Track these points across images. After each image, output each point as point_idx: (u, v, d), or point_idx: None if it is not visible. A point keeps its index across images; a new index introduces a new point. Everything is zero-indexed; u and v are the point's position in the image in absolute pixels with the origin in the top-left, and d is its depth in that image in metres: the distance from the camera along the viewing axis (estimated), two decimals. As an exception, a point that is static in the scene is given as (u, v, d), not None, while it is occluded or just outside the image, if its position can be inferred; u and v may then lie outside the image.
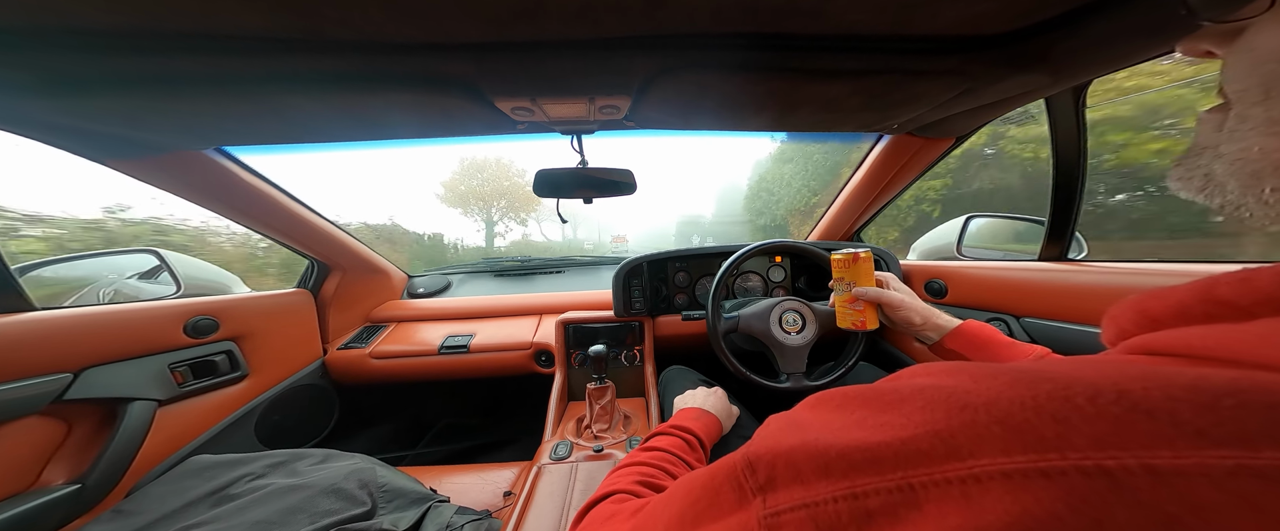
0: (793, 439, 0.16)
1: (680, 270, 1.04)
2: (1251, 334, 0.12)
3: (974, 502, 0.11)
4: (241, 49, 0.38)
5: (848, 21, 0.36)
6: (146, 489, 0.54)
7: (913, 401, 0.14)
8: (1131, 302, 0.17)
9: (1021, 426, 0.11)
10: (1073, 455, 0.10)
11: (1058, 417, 0.11)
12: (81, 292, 0.99)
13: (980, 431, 0.11)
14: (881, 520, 0.12)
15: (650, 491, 0.34)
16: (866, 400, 0.15)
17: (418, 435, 1.28)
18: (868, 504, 0.12)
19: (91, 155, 0.61)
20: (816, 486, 0.13)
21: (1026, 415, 0.11)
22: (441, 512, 0.56)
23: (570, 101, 0.52)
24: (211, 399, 0.81)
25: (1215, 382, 0.10)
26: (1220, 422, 0.09)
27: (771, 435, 0.17)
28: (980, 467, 0.11)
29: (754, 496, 0.15)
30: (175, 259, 0.98)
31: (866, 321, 0.57)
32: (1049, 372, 0.12)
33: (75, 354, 0.63)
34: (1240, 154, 0.17)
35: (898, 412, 0.13)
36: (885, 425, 0.13)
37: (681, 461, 0.40)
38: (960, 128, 0.72)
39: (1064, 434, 0.10)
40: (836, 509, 0.13)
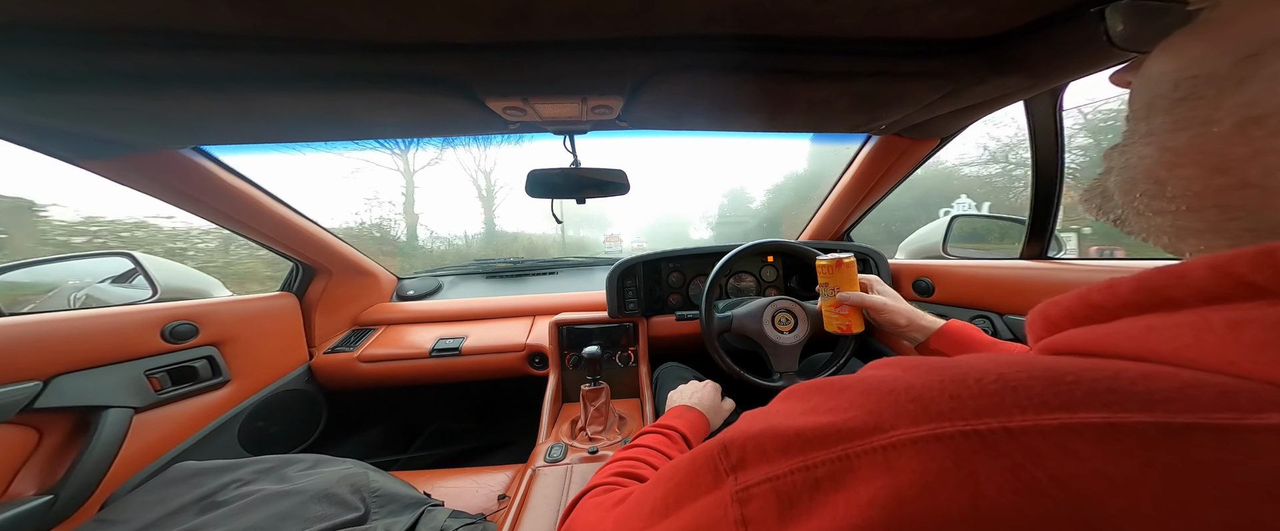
0: (761, 424, 0.18)
1: (674, 270, 1.04)
2: (1112, 331, 0.15)
3: (892, 465, 0.13)
4: (222, 46, 0.36)
5: (836, 24, 0.37)
6: (129, 496, 0.52)
7: (855, 388, 0.16)
8: (1038, 311, 0.20)
9: (928, 403, 0.14)
10: (958, 423, 0.13)
11: (953, 396, 0.14)
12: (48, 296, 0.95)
13: (899, 409, 0.14)
14: (826, 485, 0.14)
15: (632, 481, 0.35)
16: (821, 389, 0.18)
17: (409, 439, 1.26)
18: (816, 473, 0.15)
19: (63, 156, 0.58)
20: (778, 462, 0.16)
21: (932, 394, 0.14)
22: (435, 517, 0.55)
23: (563, 101, 0.52)
24: (192, 405, 0.78)
25: (1066, 366, 0.13)
26: (1057, 394, 0.12)
27: (745, 423, 0.19)
28: (897, 437, 0.14)
29: (727, 475, 0.18)
30: (151, 262, 0.94)
31: (852, 325, 0.58)
32: (959, 363, 0.15)
33: (45, 361, 0.60)
34: (1125, 163, 0.19)
35: (843, 398, 0.16)
36: (833, 409, 0.16)
37: (663, 455, 0.42)
38: (945, 129, 0.74)
39: (955, 408, 0.13)
40: (793, 479, 0.15)
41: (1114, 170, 0.20)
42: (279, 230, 0.91)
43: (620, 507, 0.26)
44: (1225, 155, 0.15)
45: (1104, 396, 0.12)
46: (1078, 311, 0.17)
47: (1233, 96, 0.15)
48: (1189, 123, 0.16)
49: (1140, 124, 0.19)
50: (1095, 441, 0.11)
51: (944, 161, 4.02)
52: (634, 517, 0.23)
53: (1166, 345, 0.13)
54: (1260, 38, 0.15)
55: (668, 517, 0.20)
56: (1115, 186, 0.20)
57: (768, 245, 0.86)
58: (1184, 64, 0.17)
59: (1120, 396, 0.12)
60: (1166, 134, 0.17)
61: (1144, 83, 0.19)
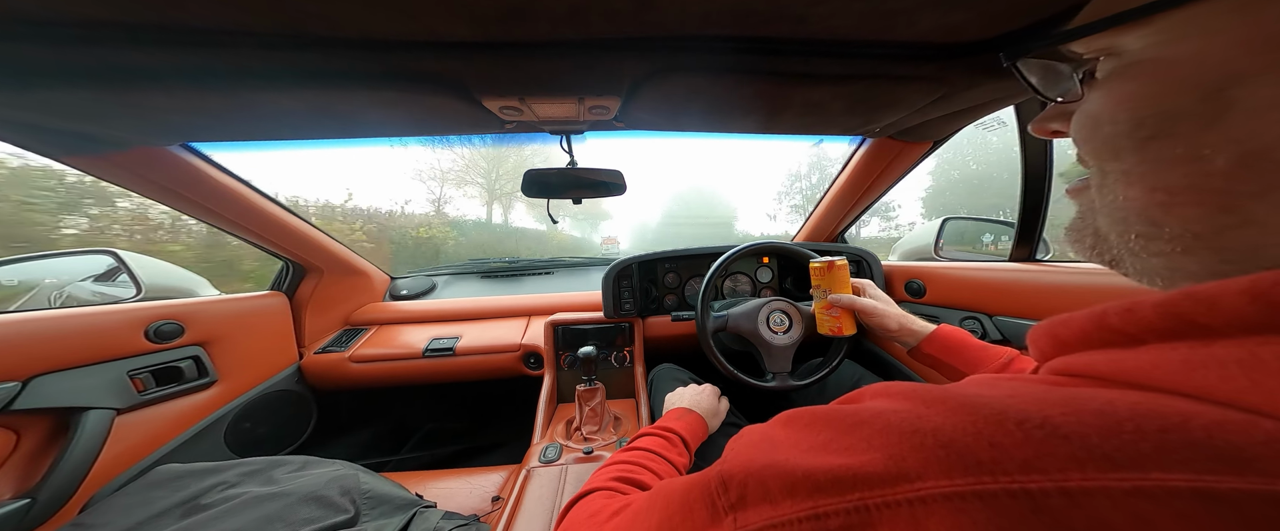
0: (764, 458, 0.16)
1: (670, 271, 1.04)
2: (1143, 360, 0.14)
3: (920, 524, 0.12)
4: (212, 42, 0.36)
5: (831, 27, 0.37)
6: (109, 499, 0.51)
7: (872, 424, 0.15)
8: (1045, 328, 0.18)
9: (962, 451, 0.12)
10: (1003, 478, 0.11)
11: (992, 443, 0.12)
12: (28, 296, 0.92)
13: (927, 455, 0.13)
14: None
15: (631, 487, 0.34)
16: (832, 422, 0.16)
17: (401, 440, 1.24)
18: (828, 524, 0.13)
19: (47, 152, 0.57)
20: (783, 505, 0.15)
21: (966, 440, 0.12)
22: (428, 518, 0.55)
23: (560, 101, 0.52)
24: (177, 406, 0.76)
25: (1119, 408, 0.12)
26: (1120, 446, 0.11)
27: (744, 451, 0.18)
28: (926, 490, 0.12)
29: (726, 515, 0.16)
30: (135, 260, 0.92)
31: (843, 327, 0.59)
32: (988, 399, 0.13)
33: (22, 361, 0.59)
34: (1111, 204, 0.18)
35: (858, 435, 0.15)
36: (847, 448, 0.14)
37: (663, 458, 0.41)
38: (937, 132, 0.75)
39: (997, 458, 0.12)
40: (801, 529, 0.14)
41: (1100, 210, 0.19)
42: (269, 228, 0.89)
43: (614, 521, 0.25)
44: (1229, 192, 0.15)
45: (1179, 450, 0.10)
46: (1093, 334, 0.16)
47: (1216, 132, 0.15)
48: (1177, 160, 0.16)
49: (1109, 163, 0.18)
50: (1182, 515, 0.09)
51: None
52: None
53: (1218, 384, 0.12)
54: (1216, 76, 0.15)
55: None
56: (1108, 228, 0.19)
57: (763, 246, 0.86)
58: (1137, 104, 0.17)
59: (1198, 451, 0.10)
60: (1154, 174, 0.16)
61: (1093, 123, 0.19)
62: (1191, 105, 0.15)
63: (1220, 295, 0.13)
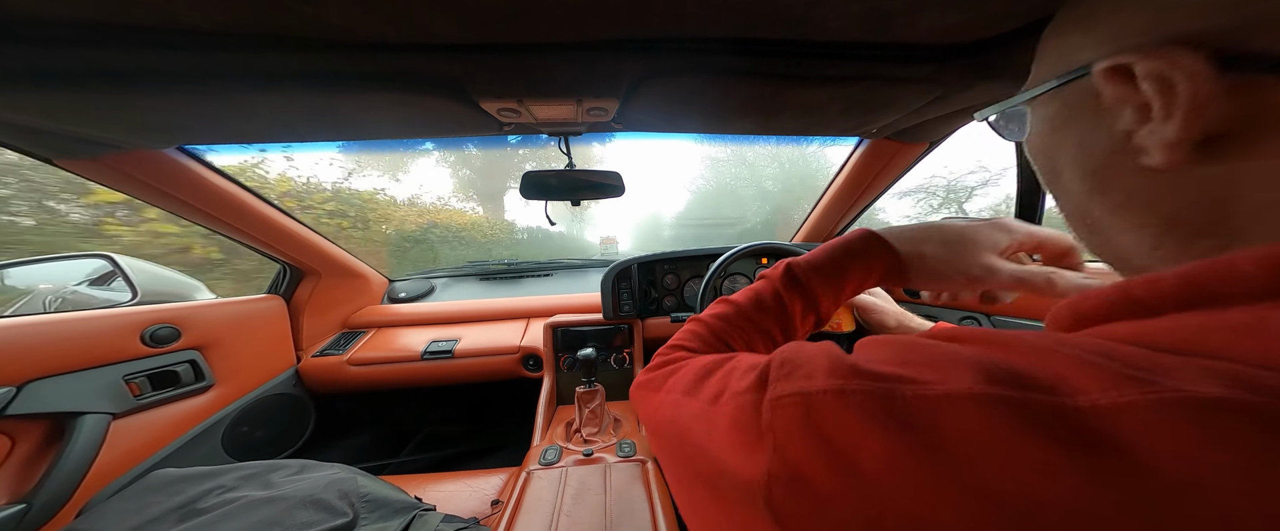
0: (826, 352, 0.18)
1: (669, 272, 1.05)
2: (1162, 327, 0.14)
3: (938, 411, 0.13)
4: (208, 44, 0.36)
5: (829, 29, 0.37)
6: (105, 504, 0.50)
7: (937, 349, 0.15)
8: (1067, 304, 0.19)
9: (1023, 374, 0.13)
10: (1037, 394, 0.12)
11: (1058, 374, 0.12)
12: (24, 301, 0.92)
13: (980, 369, 0.13)
14: (853, 410, 0.14)
15: (710, 342, 0.32)
16: (900, 343, 0.18)
17: (400, 444, 1.24)
18: (849, 398, 0.14)
19: (40, 154, 0.56)
20: (818, 381, 0.16)
21: (1031, 370, 0.13)
22: (427, 521, 0.55)
23: (558, 103, 0.52)
24: (173, 411, 0.76)
25: (1160, 357, 0.13)
26: (1149, 371, 0.12)
27: (814, 347, 0.20)
28: (959, 388, 0.13)
29: (772, 384, 0.18)
30: (131, 264, 0.91)
31: (842, 324, 0.59)
32: (1067, 343, 0.14)
33: (17, 366, 0.58)
34: (1089, 228, 0.23)
35: (920, 354, 0.15)
36: (906, 361, 0.15)
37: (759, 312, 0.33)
38: (934, 133, 0.75)
39: (1055, 384, 0.12)
40: (824, 398, 0.15)
41: (1084, 232, 0.23)
42: (265, 231, 0.89)
43: (686, 368, 0.26)
44: (1087, 221, 0.20)
45: (1197, 371, 0.11)
46: (1118, 305, 0.16)
47: (1058, 186, 0.21)
48: (1060, 195, 0.21)
49: (1051, 188, 0.23)
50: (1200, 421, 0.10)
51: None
52: (688, 384, 0.24)
53: (1229, 345, 0.12)
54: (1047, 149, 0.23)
55: (714, 404, 0.20)
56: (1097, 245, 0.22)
57: (762, 247, 0.86)
58: (1035, 157, 0.23)
59: (1226, 375, 0.11)
60: (1060, 203, 0.22)
61: (1032, 153, 0.24)
62: (1043, 165, 0.23)
63: (1235, 264, 0.13)
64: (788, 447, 0.15)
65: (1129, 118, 0.17)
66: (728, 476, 0.17)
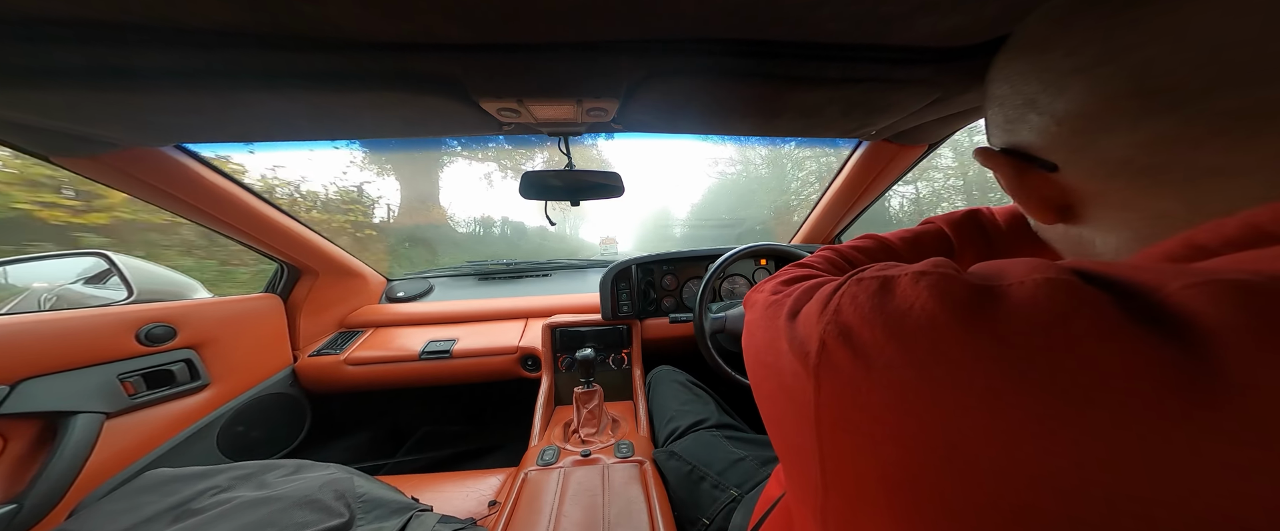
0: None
1: (667, 273, 1.05)
2: (1222, 263, 0.14)
3: (894, 282, 0.16)
4: (207, 43, 0.36)
5: (828, 30, 0.37)
6: (96, 505, 0.50)
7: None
8: (1182, 237, 0.17)
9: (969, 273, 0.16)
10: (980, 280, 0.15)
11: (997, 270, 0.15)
12: (18, 299, 0.91)
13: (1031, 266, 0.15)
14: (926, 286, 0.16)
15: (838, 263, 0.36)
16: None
17: (397, 444, 1.23)
18: (925, 278, 0.16)
19: (37, 152, 0.56)
20: (901, 266, 0.18)
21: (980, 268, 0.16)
22: (424, 522, 0.54)
23: (557, 104, 0.52)
24: (168, 410, 0.75)
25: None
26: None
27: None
28: (914, 269, 0.16)
29: (853, 277, 0.20)
30: (127, 262, 0.91)
31: None
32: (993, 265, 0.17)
33: (10, 364, 0.58)
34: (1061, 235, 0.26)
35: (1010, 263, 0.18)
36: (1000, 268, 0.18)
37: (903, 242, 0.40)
38: (932, 135, 0.76)
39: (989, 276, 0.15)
40: (905, 279, 0.17)
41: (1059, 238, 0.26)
42: (263, 230, 0.88)
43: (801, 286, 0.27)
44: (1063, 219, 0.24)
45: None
46: (1238, 238, 0.16)
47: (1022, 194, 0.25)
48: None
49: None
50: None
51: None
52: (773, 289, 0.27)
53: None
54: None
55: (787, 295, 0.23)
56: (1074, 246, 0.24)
57: (761, 248, 0.86)
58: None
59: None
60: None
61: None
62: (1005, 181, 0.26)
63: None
64: (846, 310, 0.17)
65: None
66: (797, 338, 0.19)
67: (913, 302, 0.15)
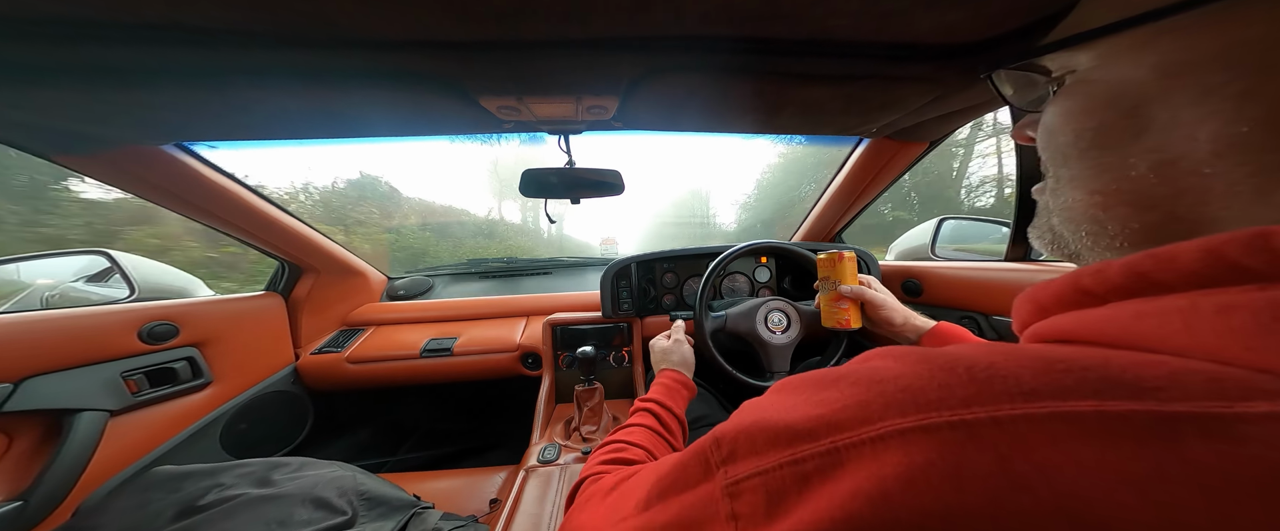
0: (753, 417, 0.18)
1: (668, 271, 1.04)
2: (1102, 317, 0.15)
3: (878, 457, 0.13)
4: (207, 40, 0.35)
5: (828, 27, 0.37)
6: (103, 502, 0.50)
7: (846, 379, 0.16)
8: (1027, 295, 0.19)
9: (916, 392, 0.14)
10: (945, 413, 0.13)
11: (941, 384, 0.13)
12: (21, 296, 0.91)
13: (887, 399, 0.14)
14: (815, 479, 0.14)
15: (618, 467, 0.35)
16: (814, 381, 0.18)
17: (398, 441, 1.24)
18: (804, 468, 0.15)
19: (37, 150, 0.56)
20: (767, 455, 0.16)
21: (920, 383, 0.14)
22: (426, 519, 0.55)
23: (558, 101, 0.52)
24: (171, 408, 0.76)
25: (1057, 354, 0.13)
26: (1048, 382, 0.12)
27: (738, 416, 0.20)
28: (885, 428, 0.13)
29: (718, 469, 0.18)
30: (129, 260, 0.91)
31: (850, 320, 0.59)
32: (950, 352, 0.15)
33: (14, 362, 0.58)
34: (1062, 207, 0.21)
35: (834, 390, 0.16)
36: (823, 401, 0.16)
37: (648, 430, 0.42)
38: (933, 133, 0.75)
39: (944, 397, 0.13)
40: (782, 474, 0.15)
41: (1053, 211, 0.21)
42: (264, 228, 0.88)
43: (612, 496, 0.26)
44: (1151, 194, 0.17)
45: (1094, 384, 0.12)
46: (1067, 296, 0.17)
47: (1138, 143, 0.17)
48: (1107, 167, 0.18)
49: (1060, 169, 0.21)
50: (1084, 432, 0.11)
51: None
52: (623, 507, 0.23)
53: (1155, 332, 0.13)
54: (1134, 96, 0.17)
55: (655, 507, 0.20)
56: (1062, 227, 0.21)
57: (762, 246, 0.86)
58: (1078, 119, 0.19)
59: (1110, 384, 0.11)
60: (1091, 178, 0.19)
61: (1047, 134, 0.21)
62: (1117, 120, 0.18)
63: (1178, 253, 0.14)
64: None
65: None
66: None
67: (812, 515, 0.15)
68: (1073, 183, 0.20)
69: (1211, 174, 0.15)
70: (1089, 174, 0.19)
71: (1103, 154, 0.18)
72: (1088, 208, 0.19)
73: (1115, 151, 0.18)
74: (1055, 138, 0.20)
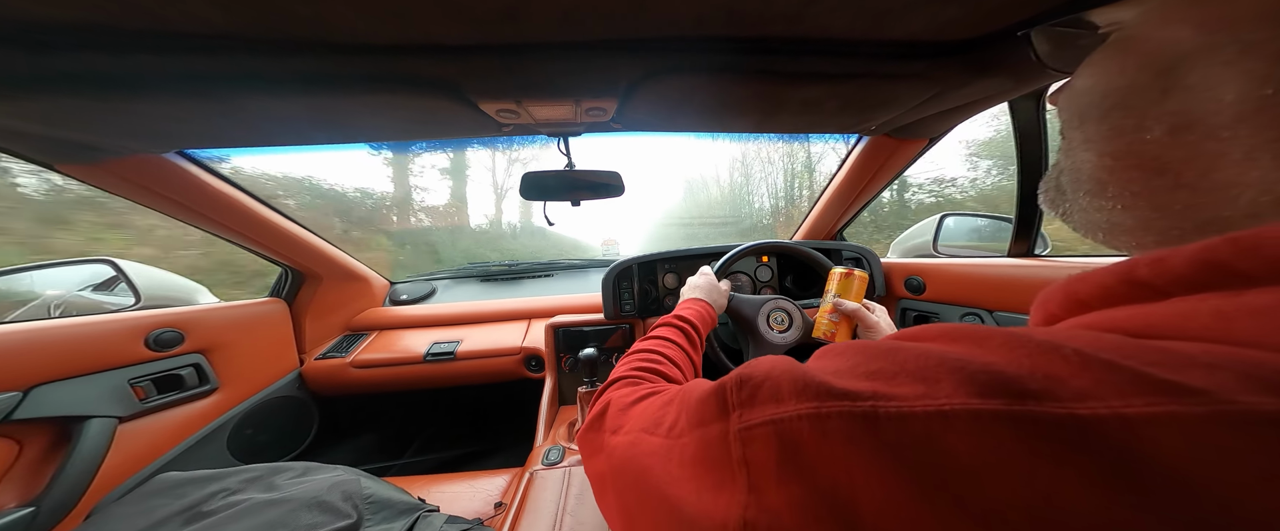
0: (785, 365, 0.17)
1: (669, 271, 1.04)
2: (1171, 312, 0.13)
3: (936, 437, 0.11)
4: (206, 48, 0.36)
5: (825, 26, 0.37)
6: (109, 508, 0.51)
7: (905, 352, 0.14)
8: (1061, 286, 0.17)
9: (1010, 379, 0.11)
10: (1050, 404, 0.10)
11: (1048, 374, 0.11)
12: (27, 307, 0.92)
13: (965, 376, 0.12)
14: (836, 437, 0.12)
15: (651, 377, 0.35)
16: (864, 349, 0.16)
17: (403, 445, 1.24)
18: (828, 424, 0.13)
19: (40, 160, 0.57)
20: (788, 404, 0.14)
21: (1019, 372, 0.11)
22: (431, 522, 0.55)
23: (556, 104, 0.52)
24: (178, 414, 0.76)
25: (1188, 350, 0.11)
26: (1199, 377, 0.10)
27: (770, 360, 0.18)
28: (952, 405, 0.11)
29: (733, 410, 0.16)
30: (133, 269, 0.92)
31: (838, 335, 0.61)
32: (1044, 337, 0.13)
33: (23, 371, 0.59)
34: (1072, 167, 0.20)
35: (887, 360, 0.14)
36: (875, 372, 0.14)
37: (674, 344, 0.43)
38: (933, 130, 0.75)
39: (1049, 387, 0.11)
40: (799, 424, 0.13)
41: (1064, 170, 0.21)
42: (267, 235, 0.89)
43: (643, 405, 0.25)
44: (1162, 158, 0.16)
45: (1269, 380, 0.09)
46: (1116, 290, 0.15)
47: (1160, 106, 0.16)
48: (1123, 130, 0.17)
49: (1075, 132, 0.20)
50: (1271, 439, 0.09)
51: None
52: (646, 420, 0.22)
53: (1266, 333, 0.11)
54: (1171, 55, 0.16)
55: (679, 438, 0.19)
56: (1067, 183, 0.21)
57: (764, 246, 0.86)
58: (1108, 79, 0.18)
59: (1266, 381, 0.09)
60: (1104, 141, 0.18)
61: (1073, 96, 0.20)
62: (1148, 80, 0.17)
63: (1264, 240, 0.12)
64: (766, 490, 0.13)
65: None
66: (696, 523, 0.15)
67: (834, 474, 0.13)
68: (1086, 144, 0.19)
69: (1229, 138, 0.14)
70: (1104, 136, 0.18)
71: (1124, 116, 0.17)
72: (1095, 169, 0.19)
73: (1136, 113, 0.17)
74: (1080, 99, 0.20)
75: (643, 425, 0.23)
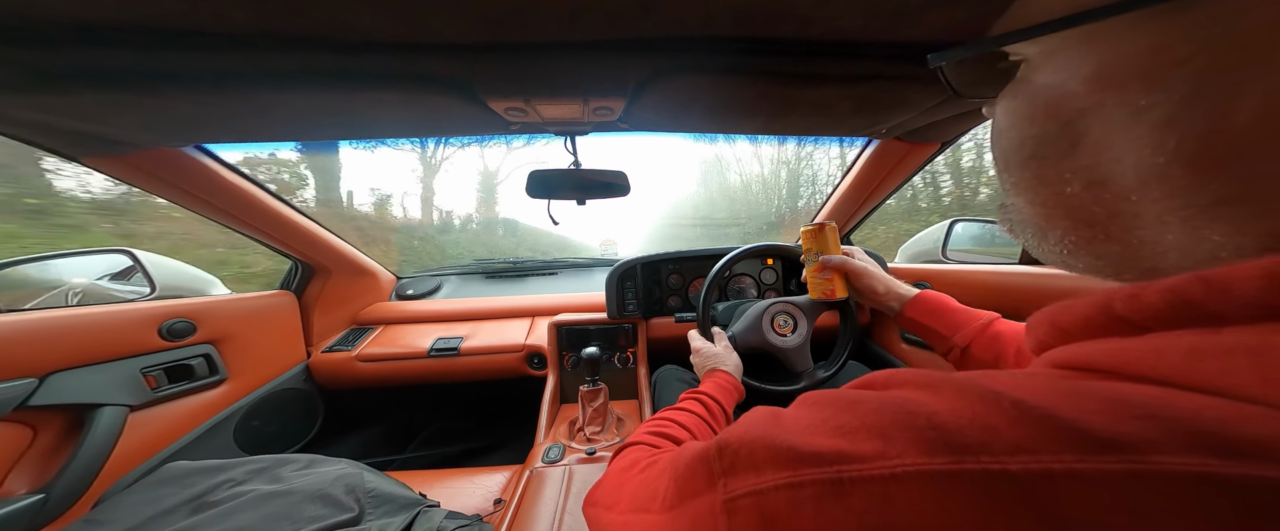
0: (760, 430, 0.17)
1: (673, 272, 1.04)
2: (1147, 349, 0.13)
3: (890, 499, 0.12)
4: (223, 45, 0.37)
5: (837, 27, 0.37)
6: (118, 496, 0.51)
7: (867, 405, 0.15)
8: (1045, 315, 0.18)
9: (952, 433, 0.12)
10: (986, 459, 0.11)
11: (985, 426, 0.12)
12: (48, 295, 0.95)
13: (914, 435, 0.12)
14: (807, 506, 0.13)
15: (666, 441, 0.36)
16: (833, 402, 0.16)
17: (406, 439, 1.25)
18: (802, 492, 0.14)
19: (66, 153, 0.58)
20: (766, 474, 0.15)
21: (960, 423, 0.12)
22: (431, 517, 0.55)
23: (564, 102, 0.52)
24: (188, 404, 0.78)
25: (1129, 397, 0.11)
26: (1125, 433, 0.10)
27: (747, 423, 0.19)
28: (903, 467, 0.12)
29: (718, 479, 0.17)
30: (150, 259, 0.94)
31: (836, 290, 0.60)
32: (992, 385, 0.13)
33: (41, 358, 0.60)
34: (1014, 208, 0.20)
35: (853, 414, 0.15)
36: (839, 428, 0.15)
37: (694, 415, 0.43)
38: (945, 133, 0.74)
39: (986, 440, 0.11)
40: (777, 496, 0.14)
41: (1010, 209, 0.21)
42: (279, 228, 0.90)
43: (643, 475, 0.26)
44: (1088, 211, 0.16)
45: (1189, 438, 0.09)
46: (1096, 322, 0.15)
47: (1072, 159, 0.16)
48: (1046, 180, 0.17)
49: (1004, 175, 0.20)
50: (1182, 501, 0.09)
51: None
52: (641, 496, 0.23)
53: (1225, 376, 0.11)
54: (1069, 109, 0.16)
55: (670, 510, 0.20)
56: (1016, 221, 0.20)
57: (767, 248, 0.86)
58: (1021, 124, 0.18)
59: (1209, 440, 0.09)
60: (1030, 189, 0.18)
61: (996, 136, 0.20)
62: (1056, 132, 0.16)
63: (1236, 279, 0.11)
64: None
65: None
66: None
67: None
68: (1015, 189, 0.19)
69: (1140, 200, 0.14)
70: (1029, 184, 0.18)
71: (1042, 166, 0.17)
72: (1031, 215, 0.19)
73: (1053, 164, 0.17)
74: (999, 141, 0.20)
75: (636, 504, 0.24)
